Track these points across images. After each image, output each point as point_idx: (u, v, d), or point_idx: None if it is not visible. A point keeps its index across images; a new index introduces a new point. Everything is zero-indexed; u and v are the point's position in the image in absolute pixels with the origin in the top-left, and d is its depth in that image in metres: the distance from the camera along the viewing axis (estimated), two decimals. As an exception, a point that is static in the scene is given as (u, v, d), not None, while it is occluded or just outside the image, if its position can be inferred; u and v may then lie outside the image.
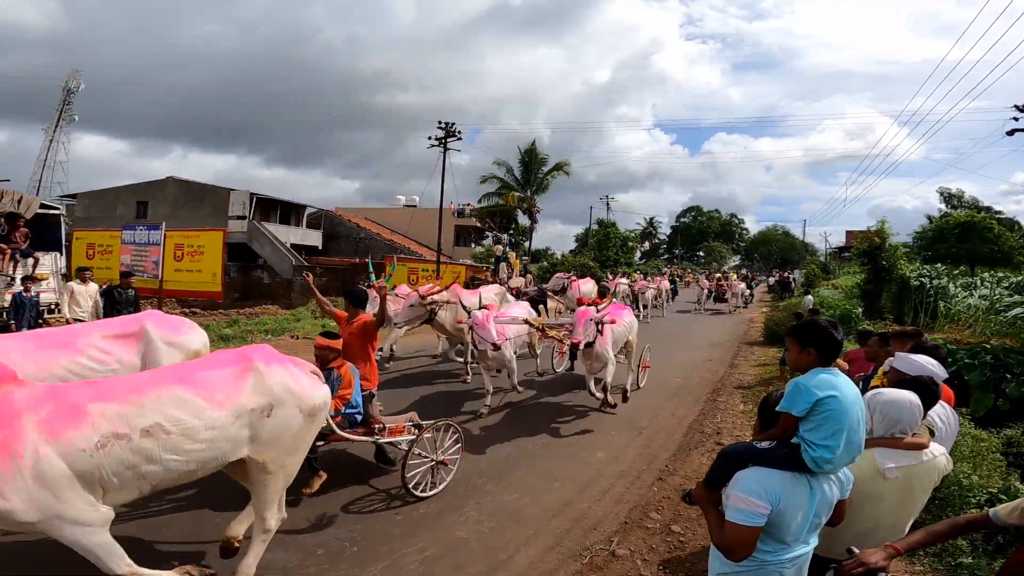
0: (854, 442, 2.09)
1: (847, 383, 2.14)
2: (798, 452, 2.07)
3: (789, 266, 56.20)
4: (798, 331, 2.24)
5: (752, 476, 2.07)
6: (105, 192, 32.66)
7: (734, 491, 2.07)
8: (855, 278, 22.44)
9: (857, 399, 2.14)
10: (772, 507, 2.01)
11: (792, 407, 2.10)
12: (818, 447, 2.03)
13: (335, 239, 35.72)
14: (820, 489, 2.09)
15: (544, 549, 4.05)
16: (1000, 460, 5.25)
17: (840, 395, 2.07)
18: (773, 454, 2.11)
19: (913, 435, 2.40)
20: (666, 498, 5.04)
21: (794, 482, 2.06)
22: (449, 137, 25.76)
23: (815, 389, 2.07)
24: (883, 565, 1.89)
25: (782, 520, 2.04)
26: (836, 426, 2.04)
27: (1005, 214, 40.57)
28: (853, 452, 2.11)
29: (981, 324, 13.62)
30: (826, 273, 37.17)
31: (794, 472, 2.07)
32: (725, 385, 9.86)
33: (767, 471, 2.07)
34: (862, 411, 2.15)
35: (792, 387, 2.13)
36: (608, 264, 37.71)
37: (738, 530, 2.01)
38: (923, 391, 2.55)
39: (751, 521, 2.00)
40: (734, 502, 2.04)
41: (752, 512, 2.00)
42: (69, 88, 42.70)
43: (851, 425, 2.06)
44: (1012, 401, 7.07)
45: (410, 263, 26.65)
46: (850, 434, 2.06)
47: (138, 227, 13.95)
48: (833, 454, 2.03)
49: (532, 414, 7.40)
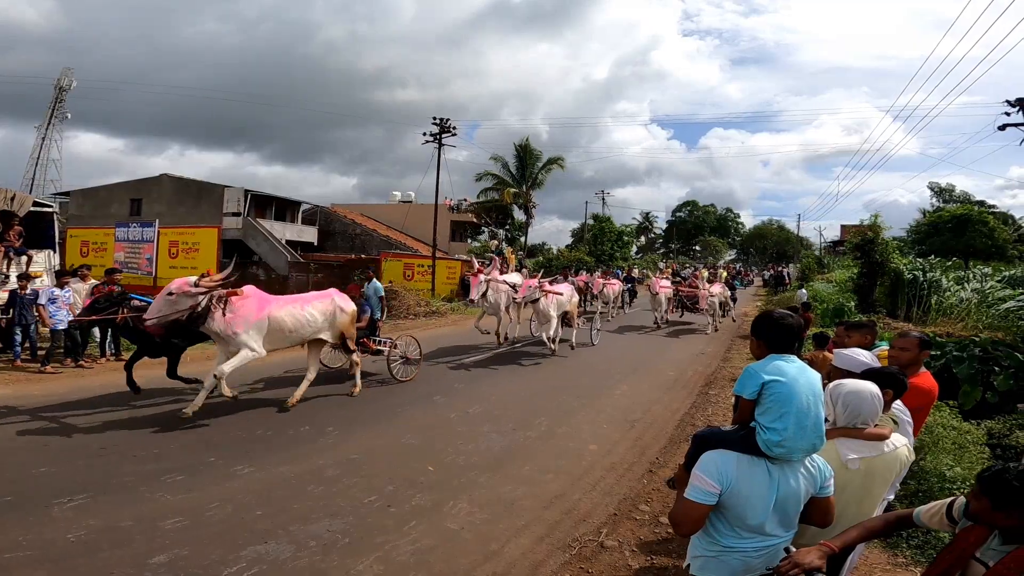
0: (806, 426, 2.10)
1: (800, 369, 2.20)
2: (752, 435, 2.14)
3: (784, 260, 56.36)
4: (753, 324, 2.37)
5: (710, 457, 2.15)
6: (99, 190, 32.56)
7: (695, 470, 2.16)
8: (849, 272, 22.56)
9: (809, 384, 2.17)
10: (722, 488, 2.07)
11: (743, 390, 2.20)
12: (767, 430, 2.10)
13: (331, 235, 35.70)
14: (784, 478, 2.11)
15: (535, 540, 4.11)
16: (984, 452, 5.33)
17: (787, 379, 2.13)
18: (732, 437, 2.20)
19: (875, 426, 2.44)
20: (656, 490, 5.11)
21: (751, 465, 2.12)
22: (444, 133, 25.74)
23: (762, 373, 2.16)
24: (818, 564, 1.90)
25: (737, 502, 2.09)
26: (783, 408, 2.09)
27: (999, 208, 40.76)
28: (809, 438, 2.11)
29: (973, 317, 13.75)
30: (821, 267, 37.31)
31: (752, 456, 2.13)
32: (718, 378, 9.95)
33: (724, 453, 2.15)
34: (815, 396, 2.17)
35: (744, 372, 2.24)
36: (603, 258, 37.80)
37: (687, 505, 2.10)
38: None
39: (700, 499, 2.08)
40: (692, 479, 2.13)
41: (703, 490, 2.08)
42: (61, 86, 42.67)
43: (799, 408, 2.10)
44: (1000, 394, 7.14)
45: (405, 258, 26.66)
46: (800, 418, 2.09)
47: (132, 224, 13.94)
48: (781, 436, 2.07)
49: (527, 407, 7.47)
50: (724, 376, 10.13)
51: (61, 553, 3.51)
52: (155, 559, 3.49)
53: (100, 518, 3.96)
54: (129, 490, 4.43)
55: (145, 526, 3.90)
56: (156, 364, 7.11)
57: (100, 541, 3.66)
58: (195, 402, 6.20)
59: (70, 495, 4.26)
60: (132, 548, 3.61)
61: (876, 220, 18.19)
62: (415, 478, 5.00)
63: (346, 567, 3.58)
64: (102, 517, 3.98)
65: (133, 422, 6.10)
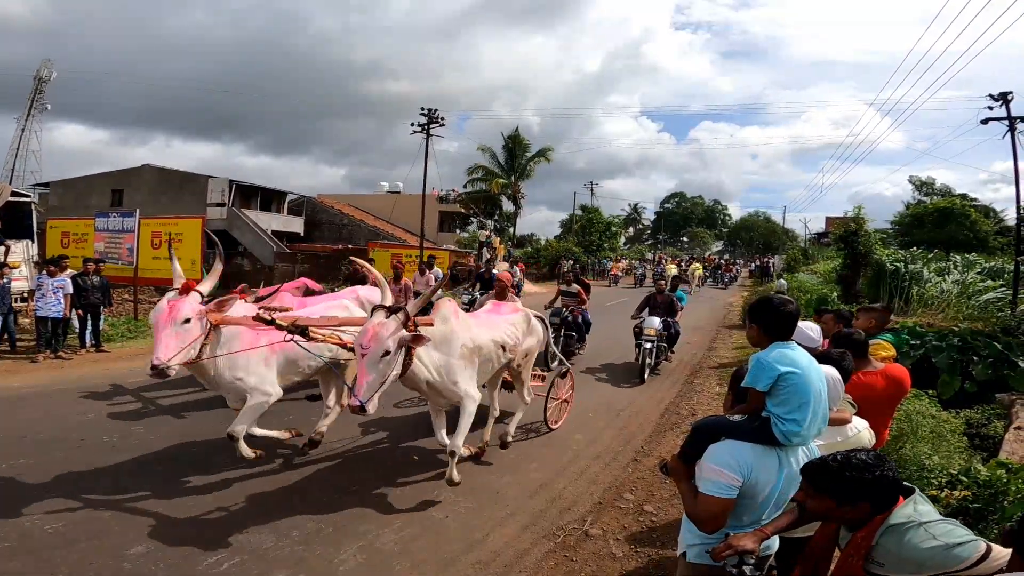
0: (819, 414, 2.14)
1: (805, 356, 2.20)
2: (768, 426, 2.11)
3: (770, 252, 56.83)
4: (751, 310, 2.34)
5: (725, 448, 2.10)
6: (79, 180, 31.98)
7: (707, 463, 2.10)
8: (833, 263, 22.78)
9: (816, 371, 2.19)
10: (744, 479, 2.04)
11: (756, 383, 2.15)
12: (786, 421, 2.08)
13: (317, 226, 35.41)
14: (788, 464, 2.13)
15: (519, 528, 4.11)
16: (962, 441, 5.39)
17: (800, 369, 2.12)
18: (744, 427, 2.15)
19: (837, 410, 2.46)
20: (640, 479, 5.14)
21: (765, 455, 2.10)
22: (432, 124, 25.62)
23: (776, 364, 2.12)
24: (751, 548, 1.91)
25: (753, 492, 2.08)
26: (802, 399, 2.09)
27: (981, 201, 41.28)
28: (819, 424, 2.16)
29: (954, 308, 13.92)
30: (806, 258, 37.69)
31: (765, 445, 2.11)
32: (703, 367, 10.02)
33: (739, 444, 2.11)
34: (823, 384, 2.19)
35: (755, 363, 2.19)
36: (592, 249, 37.85)
37: (710, 502, 2.04)
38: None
39: (723, 493, 2.03)
40: (707, 474, 2.07)
41: (724, 484, 2.03)
42: (41, 77, 42.16)
43: (815, 396, 2.11)
44: (979, 384, 7.21)
45: (393, 248, 26.50)
46: (816, 405, 2.11)
47: (112, 214, 13.66)
48: (801, 427, 2.08)
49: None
50: (708, 365, 10.20)
51: (38, 544, 3.46)
52: (133, 550, 3.45)
53: (78, 510, 3.91)
54: (108, 482, 4.38)
55: (123, 517, 3.85)
56: (139, 357, 7.01)
57: (78, 532, 3.62)
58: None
59: (48, 486, 4.20)
60: (110, 539, 3.56)
61: (859, 212, 18.33)
62: (399, 467, 4.99)
63: (328, 556, 3.56)
64: (80, 509, 3.93)
65: (113, 415, 6.02)
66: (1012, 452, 5.08)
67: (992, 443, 5.58)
